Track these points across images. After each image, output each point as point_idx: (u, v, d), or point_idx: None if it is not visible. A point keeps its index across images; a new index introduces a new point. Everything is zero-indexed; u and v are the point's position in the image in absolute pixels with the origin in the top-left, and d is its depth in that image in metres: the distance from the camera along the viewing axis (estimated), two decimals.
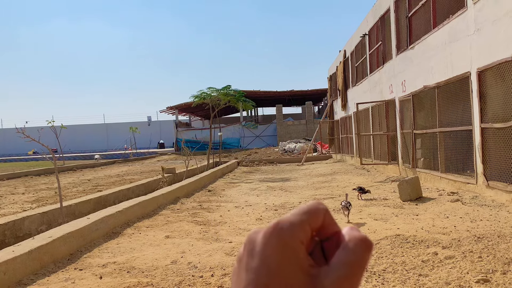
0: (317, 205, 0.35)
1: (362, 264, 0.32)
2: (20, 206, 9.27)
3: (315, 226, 0.33)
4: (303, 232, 0.32)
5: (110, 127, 61.10)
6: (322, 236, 0.34)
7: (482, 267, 3.77)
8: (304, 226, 0.32)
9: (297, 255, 0.31)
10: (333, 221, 0.35)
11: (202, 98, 17.11)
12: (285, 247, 0.31)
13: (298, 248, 0.31)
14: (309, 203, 0.35)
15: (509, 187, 6.48)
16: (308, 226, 0.33)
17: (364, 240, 0.33)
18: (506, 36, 6.41)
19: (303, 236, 0.32)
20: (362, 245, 0.32)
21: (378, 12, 13.36)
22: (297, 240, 0.31)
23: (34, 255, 4.24)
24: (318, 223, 0.34)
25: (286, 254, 0.31)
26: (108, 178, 16.02)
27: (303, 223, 0.32)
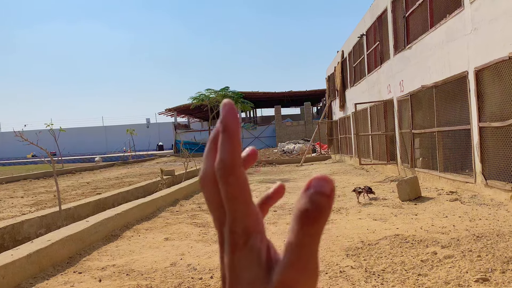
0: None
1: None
2: (19, 210, 9.25)
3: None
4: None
5: (109, 130, 61.05)
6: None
7: (481, 266, 3.78)
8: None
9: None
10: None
11: (201, 99, 17.13)
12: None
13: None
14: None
15: (508, 186, 6.49)
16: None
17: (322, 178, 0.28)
18: (503, 35, 6.43)
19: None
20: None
21: (376, 12, 13.38)
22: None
23: (33, 258, 4.24)
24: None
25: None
26: (107, 181, 16.01)
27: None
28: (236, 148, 0.28)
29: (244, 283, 0.29)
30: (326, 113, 24.23)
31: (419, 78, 10.06)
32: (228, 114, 0.29)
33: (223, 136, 0.28)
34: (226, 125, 0.28)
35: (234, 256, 0.29)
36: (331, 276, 3.82)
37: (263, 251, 0.29)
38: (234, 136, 0.28)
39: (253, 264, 0.28)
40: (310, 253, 0.27)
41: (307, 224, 0.26)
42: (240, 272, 0.29)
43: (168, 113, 44.55)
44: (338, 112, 21.38)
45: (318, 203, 0.26)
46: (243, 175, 0.29)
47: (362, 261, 4.18)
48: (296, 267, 0.27)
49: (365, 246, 4.71)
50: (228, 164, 0.28)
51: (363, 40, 15.38)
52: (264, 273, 0.28)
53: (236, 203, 0.28)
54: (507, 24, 6.35)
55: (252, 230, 0.29)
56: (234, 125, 0.28)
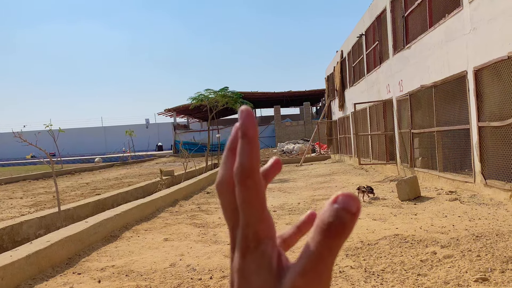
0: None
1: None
2: (18, 211, 9.24)
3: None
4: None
5: (108, 130, 61.01)
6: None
7: (481, 266, 3.77)
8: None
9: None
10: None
11: (200, 100, 17.09)
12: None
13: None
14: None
15: (507, 185, 6.49)
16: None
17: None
18: (502, 35, 6.43)
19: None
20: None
21: (375, 12, 13.38)
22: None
23: (32, 259, 4.23)
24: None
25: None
26: (107, 181, 15.99)
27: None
28: (255, 153, 0.29)
29: (253, 287, 0.29)
30: (326, 113, 24.23)
31: (418, 78, 10.07)
32: (247, 120, 0.30)
33: (242, 142, 0.29)
34: (245, 131, 0.29)
35: (244, 260, 0.29)
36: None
37: (274, 257, 0.29)
38: (253, 141, 0.29)
39: (263, 269, 0.29)
40: (326, 265, 0.27)
41: (329, 237, 0.26)
42: (249, 277, 0.29)
43: (167, 114, 44.53)
44: (337, 112, 21.38)
45: (343, 219, 0.26)
46: (260, 180, 0.29)
47: (361, 261, 4.18)
48: (310, 276, 0.27)
49: (365, 246, 4.70)
50: (246, 168, 0.29)
51: (362, 40, 15.38)
52: (274, 279, 0.28)
53: (250, 207, 0.29)
54: (506, 23, 6.35)
55: (264, 236, 0.29)
56: (252, 130, 0.29)
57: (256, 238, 0.29)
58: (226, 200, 0.31)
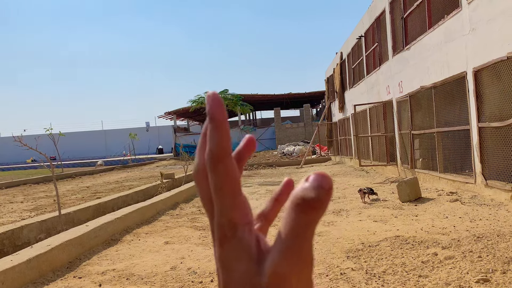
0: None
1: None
2: (18, 215, 9.23)
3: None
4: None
5: (109, 134, 61.05)
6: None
7: (482, 266, 3.77)
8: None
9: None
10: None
11: (200, 102, 17.13)
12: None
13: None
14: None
15: (508, 186, 6.48)
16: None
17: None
18: (501, 35, 6.43)
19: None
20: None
21: (374, 14, 13.40)
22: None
23: (32, 264, 4.23)
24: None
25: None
26: (107, 185, 15.99)
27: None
28: (224, 137, 0.28)
29: (235, 275, 0.28)
30: (326, 114, 24.24)
31: (418, 79, 10.07)
32: (214, 105, 0.28)
33: (211, 126, 0.28)
34: (212, 115, 0.28)
35: (223, 250, 0.29)
36: (332, 278, 3.81)
37: (252, 243, 0.28)
38: (221, 125, 0.28)
39: (243, 256, 0.28)
40: (304, 243, 0.26)
41: (304, 211, 0.26)
42: (230, 265, 0.28)
43: (167, 117, 44.57)
44: (337, 114, 21.38)
45: (318, 193, 0.26)
46: (232, 165, 0.28)
47: (362, 263, 4.17)
48: (289, 257, 0.26)
49: (366, 248, 4.70)
50: (216, 152, 0.28)
51: (362, 42, 15.40)
52: (255, 265, 0.28)
53: (223, 194, 0.28)
54: (505, 24, 6.36)
55: (239, 222, 0.28)
56: (220, 114, 0.28)
57: (231, 225, 0.28)
58: (203, 189, 0.30)
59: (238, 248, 0.28)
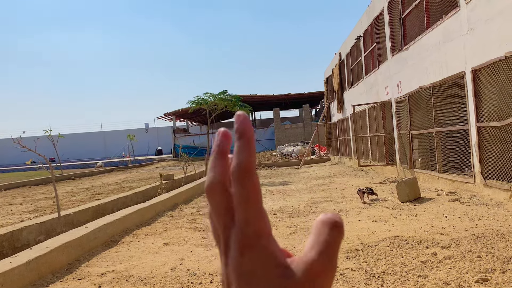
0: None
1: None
2: (18, 217, 9.22)
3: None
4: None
5: (108, 135, 61.01)
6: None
7: (481, 266, 3.77)
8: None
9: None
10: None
11: (199, 103, 17.10)
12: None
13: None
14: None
15: (507, 185, 6.49)
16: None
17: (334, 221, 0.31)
18: (499, 35, 6.44)
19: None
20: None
21: (372, 14, 13.41)
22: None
23: (32, 266, 4.22)
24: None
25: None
26: (106, 186, 15.98)
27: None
28: (252, 153, 0.30)
29: (261, 282, 0.29)
30: (325, 115, 24.25)
31: (416, 79, 10.08)
32: (244, 123, 0.31)
33: (240, 142, 0.31)
34: (243, 131, 0.31)
35: (243, 259, 0.30)
36: None
37: (277, 250, 0.30)
38: (250, 142, 0.31)
39: (269, 262, 0.30)
40: (335, 250, 0.30)
41: (336, 228, 0.30)
42: (254, 273, 0.29)
43: (166, 118, 44.53)
44: (336, 114, 21.39)
45: (341, 220, 0.31)
46: (258, 178, 0.31)
47: (362, 263, 4.17)
48: (324, 257, 0.29)
49: (365, 248, 4.70)
50: (245, 166, 0.30)
51: (360, 42, 15.41)
52: (283, 269, 0.29)
53: (249, 206, 0.30)
54: (503, 23, 6.36)
55: (264, 231, 0.30)
56: (249, 132, 0.31)
57: (256, 235, 0.30)
58: (218, 201, 0.31)
59: (264, 256, 0.30)
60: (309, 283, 0.29)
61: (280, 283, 0.29)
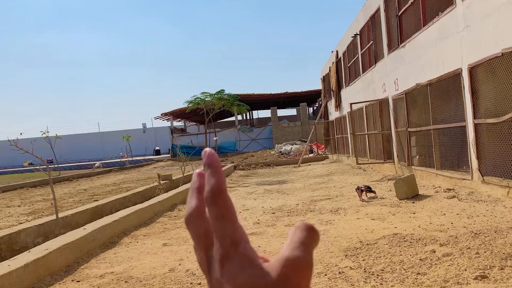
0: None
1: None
2: (15, 219, 9.20)
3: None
4: None
5: (105, 136, 60.87)
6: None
7: (480, 263, 3.78)
8: None
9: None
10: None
11: (196, 103, 17.12)
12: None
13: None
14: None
15: (504, 181, 6.51)
16: None
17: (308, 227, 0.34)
18: (495, 32, 6.45)
19: None
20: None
21: (369, 12, 13.41)
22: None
23: (30, 268, 4.21)
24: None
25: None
26: (105, 187, 15.95)
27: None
28: (220, 178, 0.33)
29: (241, 283, 0.31)
30: (322, 113, 24.26)
31: (413, 76, 10.09)
32: (210, 157, 0.35)
33: (209, 171, 0.34)
34: (210, 163, 0.34)
35: (223, 269, 0.32)
36: (330, 277, 3.81)
37: (254, 255, 0.32)
38: (217, 169, 0.34)
39: (246, 265, 0.31)
40: (307, 250, 0.32)
41: (310, 231, 0.33)
42: (235, 277, 0.31)
43: (164, 118, 44.47)
44: (334, 112, 21.41)
45: (314, 227, 0.34)
46: (229, 198, 0.33)
47: (361, 262, 4.17)
48: (298, 255, 0.31)
49: (364, 246, 4.70)
50: (216, 189, 0.33)
51: (357, 40, 15.42)
52: (260, 270, 0.31)
53: (224, 221, 0.32)
54: (499, 20, 6.37)
55: (240, 240, 0.32)
56: (216, 162, 0.34)
57: (234, 244, 0.32)
58: (198, 227, 0.35)
59: (241, 261, 0.32)
60: (285, 280, 0.30)
61: (256, 281, 0.30)
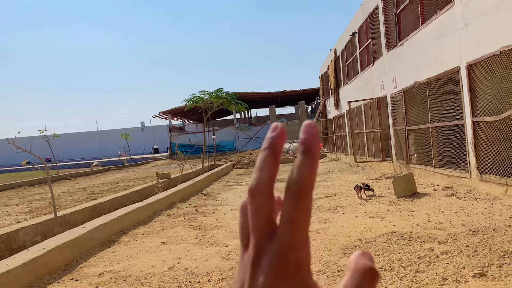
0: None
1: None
2: (14, 218, 9.18)
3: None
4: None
5: (104, 134, 60.81)
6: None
7: (478, 261, 3.78)
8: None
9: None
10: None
11: (195, 101, 17.09)
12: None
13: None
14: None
15: (502, 179, 6.52)
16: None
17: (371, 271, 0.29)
18: (494, 30, 6.45)
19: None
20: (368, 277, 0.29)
21: (367, 10, 13.41)
22: None
23: (28, 267, 4.20)
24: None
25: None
26: (103, 186, 15.93)
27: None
28: (314, 173, 0.28)
29: None
30: (321, 111, 24.26)
31: (411, 74, 10.09)
32: (313, 137, 0.28)
33: (305, 157, 0.28)
34: (310, 147, 0.28)
35: (276, 283, 0.27)
36: (329, 276, 3.82)
37: (312, 285, 0.28)
38: (315, 159, 0.28)
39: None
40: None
41: (372, 280, 0.29)
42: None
43: (162, 116, 44.40)
44: (332, 111, 21.41)
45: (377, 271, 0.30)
46: (312, 201, 0.28)
47: None
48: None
49: (362, 244, 4.71)
50: (304, 186, 0.27)
51: (355, 38, 15.41)
52: None
53: (298, 230, 0.27)
54: (497, 18, 6.38)
55: (304, 262, 0.28)
56: (317, 149, 0.28)
57: (297, 264, 0.27)
58: (260, 207, 0.29)
59: (299, 286, 0.27)
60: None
61: None
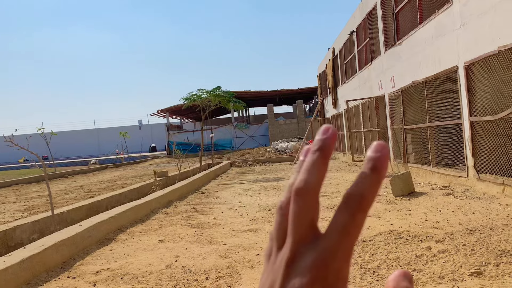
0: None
1: None
2: (11, 215, 9.15)
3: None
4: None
5: (101, 132, 60.67)
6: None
7: (475, 260, 3.80)
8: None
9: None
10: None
11: (193, 100, 17.07)
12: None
13: None
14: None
15: (500, 179, 6.54)
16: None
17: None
18: (492, 30, 6.46)
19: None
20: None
21: (365, 9, 13.41)
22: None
23: (25, 264, 4.19)
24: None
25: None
26: (100, 184, 15.90)
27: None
28: (377, 193, 0.28)
29: None
30: (319, 110, 24.28)
31: (409, 74, 10.11)
32: (383, 158, 0.28)
33: (372, 175, 0.28)
34: (380, 167, 0.28)
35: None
36: None
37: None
38: (381, 180, 0.28)
39: None
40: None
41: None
42: None
43: (160, 114, 44.34)
44: (330, 110, 21.43)
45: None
46: (366, 217, 0.28)
47: (357, 258, 4.18)
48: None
49: (360, 243, 4.71)
50: (367, 200, 0.27)
51: (354, 37, 15.42)
52: None
53: (347, 241, 0.27)
54: (495, 18, 6.39)
55: (344, 276, 0.27)
56: (385, 170, 0.28)
57: (337, 275, 0.27)
58: (304, 209, 0.29)
59: None
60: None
61: None
